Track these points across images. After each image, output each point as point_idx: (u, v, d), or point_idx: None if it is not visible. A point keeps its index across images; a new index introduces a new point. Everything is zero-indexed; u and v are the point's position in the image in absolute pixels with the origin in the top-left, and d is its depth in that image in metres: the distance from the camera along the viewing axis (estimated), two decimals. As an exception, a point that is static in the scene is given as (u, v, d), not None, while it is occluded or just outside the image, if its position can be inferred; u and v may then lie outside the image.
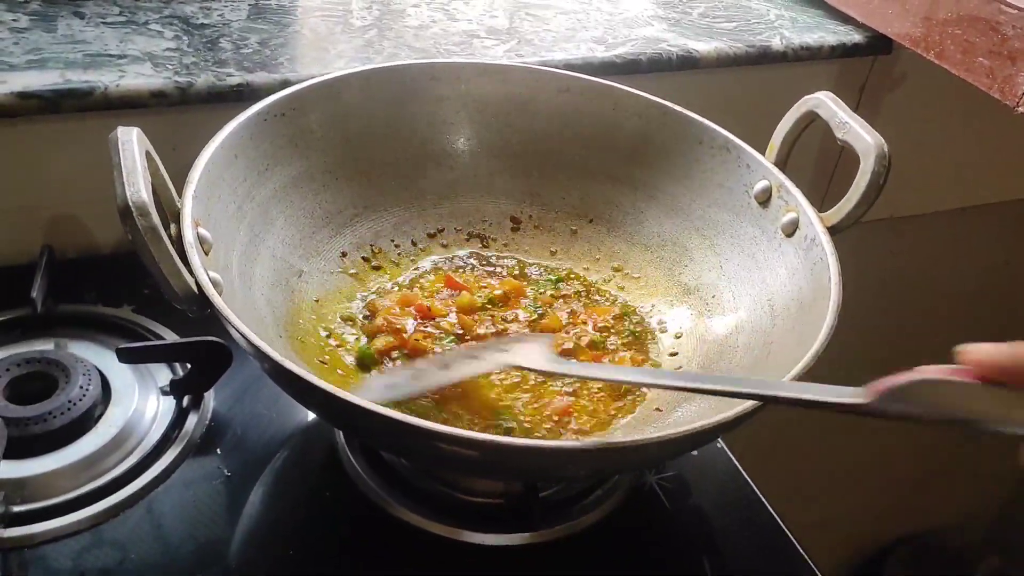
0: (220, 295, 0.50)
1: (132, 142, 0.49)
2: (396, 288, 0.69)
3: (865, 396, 0.38)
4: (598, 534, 0.61)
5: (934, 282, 1.27)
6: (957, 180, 1.16)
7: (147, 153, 0.51)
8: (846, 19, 0.97)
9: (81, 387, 0.63)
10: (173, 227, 0.53)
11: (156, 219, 0.47)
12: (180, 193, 0.55)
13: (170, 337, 0.70)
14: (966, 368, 0.36)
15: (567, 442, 0.47)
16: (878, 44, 0.95)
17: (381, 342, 0.63)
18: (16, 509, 0.57)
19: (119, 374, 0.66)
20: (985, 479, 1.34)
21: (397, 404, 0.57)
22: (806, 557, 0.62)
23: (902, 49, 0.91)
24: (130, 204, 0.46)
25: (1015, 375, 0.34)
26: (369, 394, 0.55)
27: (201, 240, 0.53)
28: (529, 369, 0.55)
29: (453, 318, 0.66)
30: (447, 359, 0.60)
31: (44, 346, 0.68)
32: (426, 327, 0.65)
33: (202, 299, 0.49)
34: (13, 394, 0.62)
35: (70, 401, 0.62)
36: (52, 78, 0.70)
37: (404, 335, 0.64)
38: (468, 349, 0.61)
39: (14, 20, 0.77)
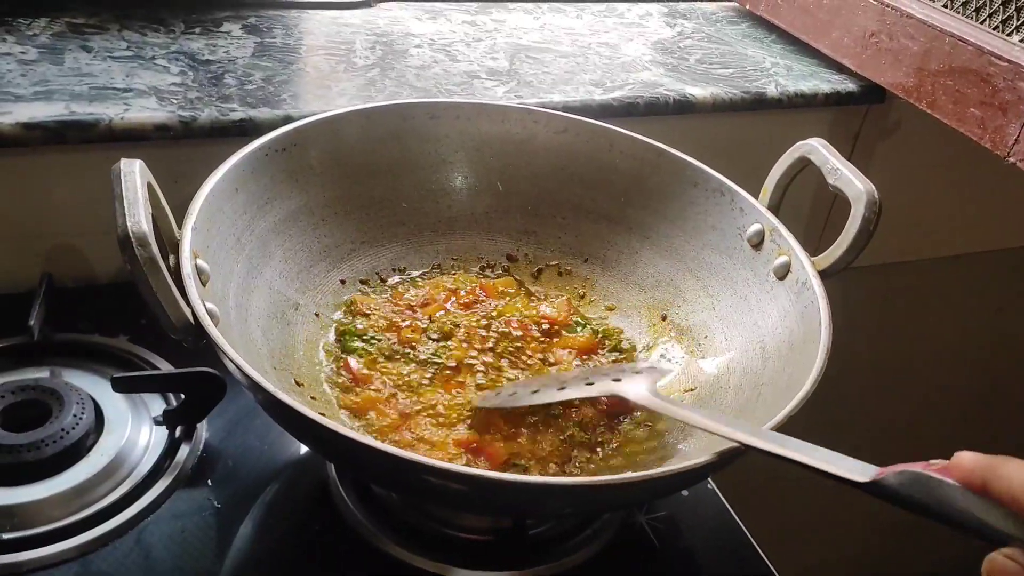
0: (216, 326, 0.51)
1: (134, 174, 0.50)
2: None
3: (867, 476, 0.40)
4: (587, 573, 0.61)
5: (926, 329, 1.27)
6: (949, 228, 1.17)
7: (148, 185, 0.52)
8: (840, 68, 0.99)
9: (74, 415, 0.63)
10: (172, 258, 0.53)
11: (155, 250, 0.47)
12: (180, 225, 0.55)
13: (165, 367, 0.70)
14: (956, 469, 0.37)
15: (552, 478, 0.47)
16: (872, 93, 0.96)
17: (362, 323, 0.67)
18: (5, 536, 0.57)
19: (113, 403, 0.66)
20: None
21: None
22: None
23: (895, 98, 0.93)
24: (130, 234, 0.47)
25: (990, 486, 0.36)
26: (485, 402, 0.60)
27: (199, 271, 0.54)
28: (635, 404, 0.56)
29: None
30: (564, 379, 0.61)
31: (40, 374, 0.68)
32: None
33: (198, 330, 0.49)
34: (7, 421, 0.63)
35: (63, 429, 0.62)
36: (57, 109, 0.71)
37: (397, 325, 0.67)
38: (582, 373, 0.62)
39: (23, 52, 0.78)
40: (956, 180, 1.11)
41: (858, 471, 0.40)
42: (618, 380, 0.58)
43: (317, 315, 0.67)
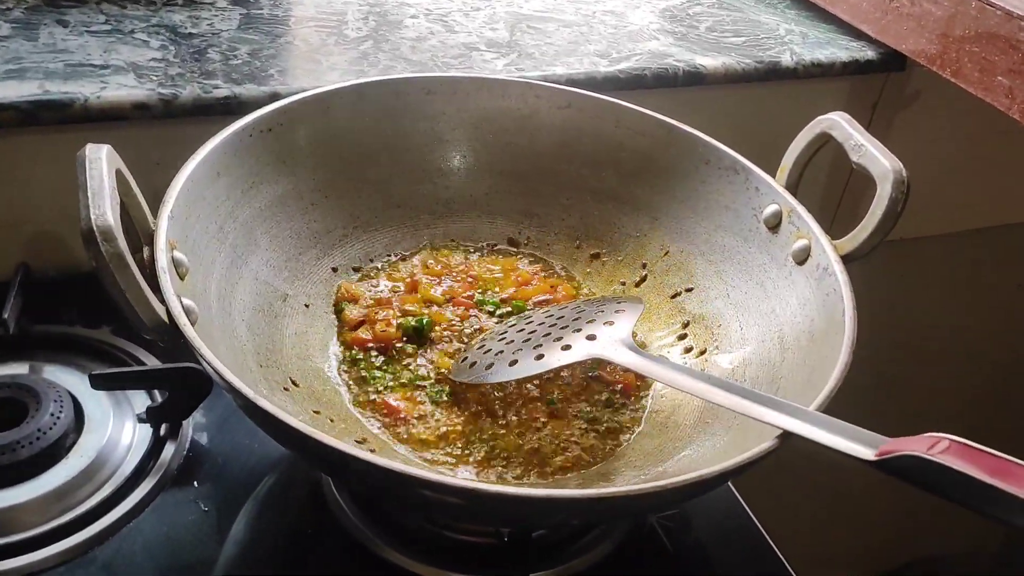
0: (195, 323, 0.48)
1: (101, 160, 0.46)
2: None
3: (872, 454, 0.41)
4: (599, 574, 0.58)
5: (944, 305, 1.23)
6: (971, 201, 1.13)
7: (117, 172, 0.48)
8: (859, 35, 0.94)
9: (52, 414, 0.60)
10: (147, 250, 0.50)
11: (122, 244, 0.44)
12: (156, 213, 0.52)
13: (150, 361, 0.67)
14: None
15: (558, 491, 0.43)
16: (891, 61, 0.92)
17: (354, 312, 0.63)
18: (-21, 545, 0.54)
19: (94, 400, 0.63)
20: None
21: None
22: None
23: (915, 66, 0.88)
24: (94, 228, 0.43)
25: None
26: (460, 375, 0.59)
27: (177, 264, 0.50)
28: (617, 364, 0.54)
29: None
30: (537, 340, 0.58)
31: (17, 369, 0.65)
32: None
33: (173, 328, 0.46)
34: (-20, 421, 0.59)
35: (40, 429, 0.59)
36: (31, 89, 0.67)
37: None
38: (557, 332, 0.58)
39: (-6, 28, 0.74)
40: (979, 150, 1.06)
41: (863, 446, 0.41)
42: (593, 338, 0.55)
43: (307, 306, 0.63)
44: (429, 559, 0.56)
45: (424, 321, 0.63)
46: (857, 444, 0.42)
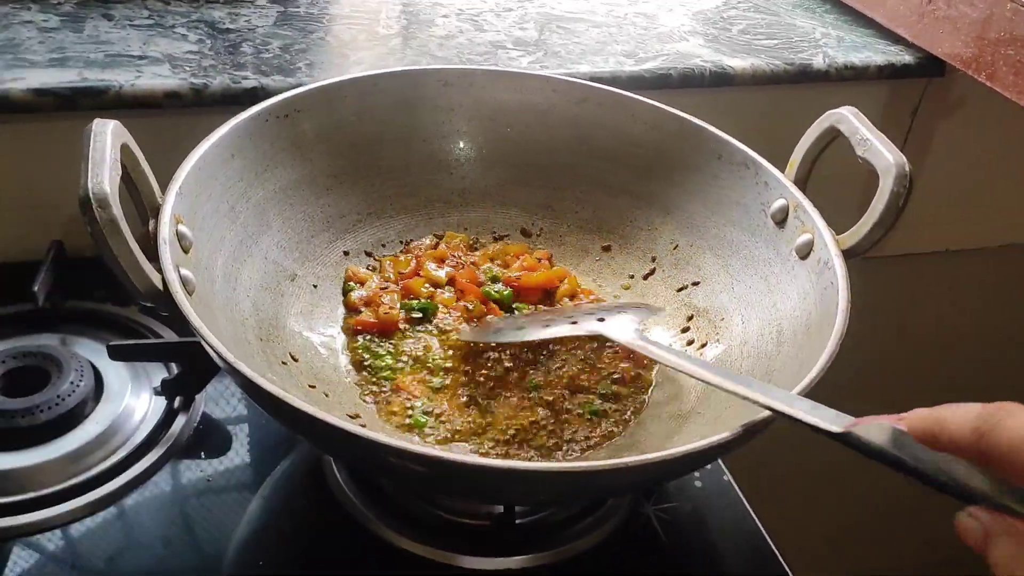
0: (192, 293, 0.50)
1: (106, 134, 0.49)
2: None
3: (840, 426, 0.40)
4: (590, 562, 0.58)
5: (983, 319, 1.19)
6: (1018, 213, 1.09)
7: (124, 145, 0.50)
8: (897, 39, 0.92)
9: (72, 382, 0.63)
10: (152, 222, 0.52)
11: (117, 211, 0.46)
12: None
13: (172, 339, 0.69)
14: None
15: (520, 463, 0.44)
16: (929, 66, 0.90)
17: (357, 296, 0.65)
18: (-3, 500, 0.57)
19: (115, 372, 0.66)
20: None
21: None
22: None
23: (957, 72, 0.86)
24: (90, 195, 0.45)
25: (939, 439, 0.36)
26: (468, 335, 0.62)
27: (180, 236, 0.52)
28: (617, 341, 0.56)
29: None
30: (550, 318, 0.62)
31: (48, 341, 0.68)
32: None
33: (167, 296, 0.48)
34: (8, 387, 0.63)
35: (59, 396, 0.62)
36: (70, 76, 0.70)
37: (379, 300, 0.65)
38: (568, 311, 0.63)
39: (44, 20, 0.78)
40: (1025, 161, 1.03)
41: (832, 421, 0.40)
42: (603, 320, 0.58)
43: (315, 287, 0.65)
44: (425, 539, 0.57)
45: (427, 304, 0.64)
46: (826, 421, 0.41)
